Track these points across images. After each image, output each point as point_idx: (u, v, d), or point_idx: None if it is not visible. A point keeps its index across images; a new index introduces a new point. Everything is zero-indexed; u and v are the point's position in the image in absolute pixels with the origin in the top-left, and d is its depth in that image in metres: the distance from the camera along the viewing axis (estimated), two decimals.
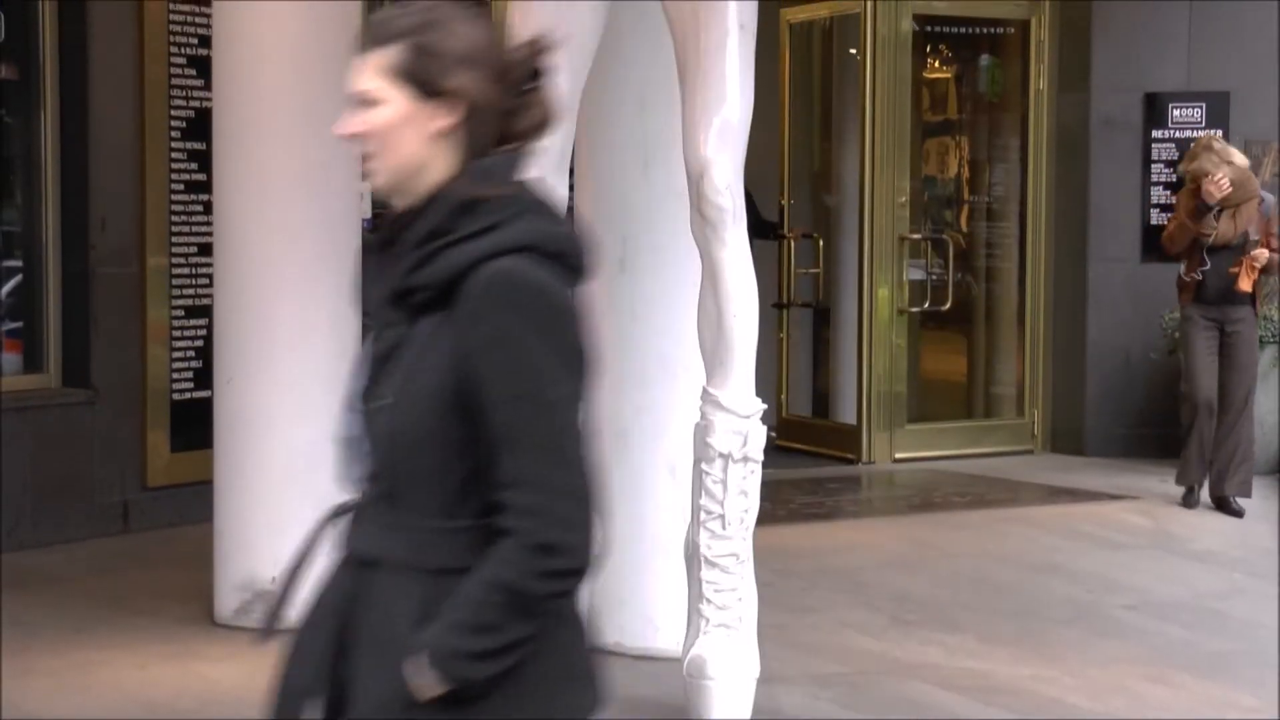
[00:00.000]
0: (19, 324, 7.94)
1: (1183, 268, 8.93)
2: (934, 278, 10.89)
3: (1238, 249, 8.74)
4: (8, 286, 7.95)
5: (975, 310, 11.58)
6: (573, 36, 4.83)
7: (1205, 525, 8.64)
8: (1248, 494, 8.83)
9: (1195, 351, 8.91)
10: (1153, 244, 10.43)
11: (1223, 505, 8.81)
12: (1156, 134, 10.60)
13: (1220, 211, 8.70)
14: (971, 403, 11.58)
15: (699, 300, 4.79)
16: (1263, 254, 8.71)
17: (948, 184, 11.99)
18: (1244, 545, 8.21)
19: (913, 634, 6.45)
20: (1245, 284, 8.73)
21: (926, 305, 10.82)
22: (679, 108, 4.81)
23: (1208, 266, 8.76)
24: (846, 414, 10.92)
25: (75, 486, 7.68)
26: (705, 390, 4.76)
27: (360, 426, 2.42)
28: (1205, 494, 8.90)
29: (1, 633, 5.90)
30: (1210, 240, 8.71)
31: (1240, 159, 8.83)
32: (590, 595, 2.08)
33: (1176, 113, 10.57)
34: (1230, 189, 8.63)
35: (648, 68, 5.58)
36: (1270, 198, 8.98)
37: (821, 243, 11.24)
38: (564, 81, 4.77)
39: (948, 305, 10.93)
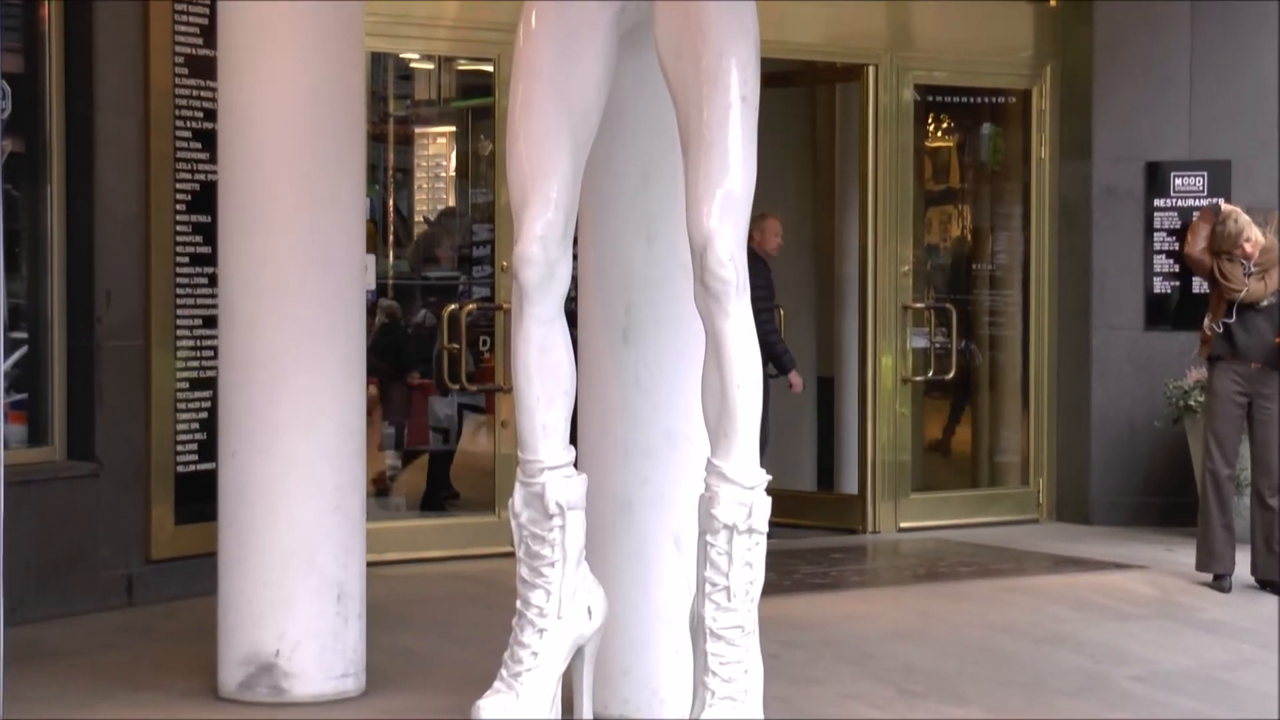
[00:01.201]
0: (24, 396, 7.95)
1: (1205, 320, 8.80)
2: (937, 346, 10.91)
3: (1266, 311, 8.64)
4: (12, 359, 7.96)
5: (979, 378, 11.59)
6: (576, 109, 4.86)
7: (1212, 596, 8.61)
8: None
9: (1223, 422, 8.70)
10: (1156, 312, 10.46)
11: (1275, 588, 8.58)
12: (1158, 203, 10.64)
13: (1249, 273, 8.67)
14: (976, 471, 11.57)
15: (703, 372, 4.80)
16: None
17: (950, 252, 12.02)
18: (1252, 616, 8.17)
19: (919, 706, 6.42)
20: None
21: (930, 374, 10.83)
22: (682, 180, 4.83)
23: (1232, 319, 8.66)
24: (849, 484, 10.90)
25: (79, 560, 7.67)
26: (709, 461, 4.76)
27: None
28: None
29: (5, 708, 5.87)
30: (1240, 296, 8.62)
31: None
32: (595, 666, 2.09)
33: (1178, 182, 10.61)
34: (1259, 250, 8.63)
35: (650, 140, 5.60)
36: None
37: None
38: (568, 154, 4.82)
39: (951, 374, 10.93)
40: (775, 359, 9.91)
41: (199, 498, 7.65)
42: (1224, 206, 9.06)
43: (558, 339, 4.83)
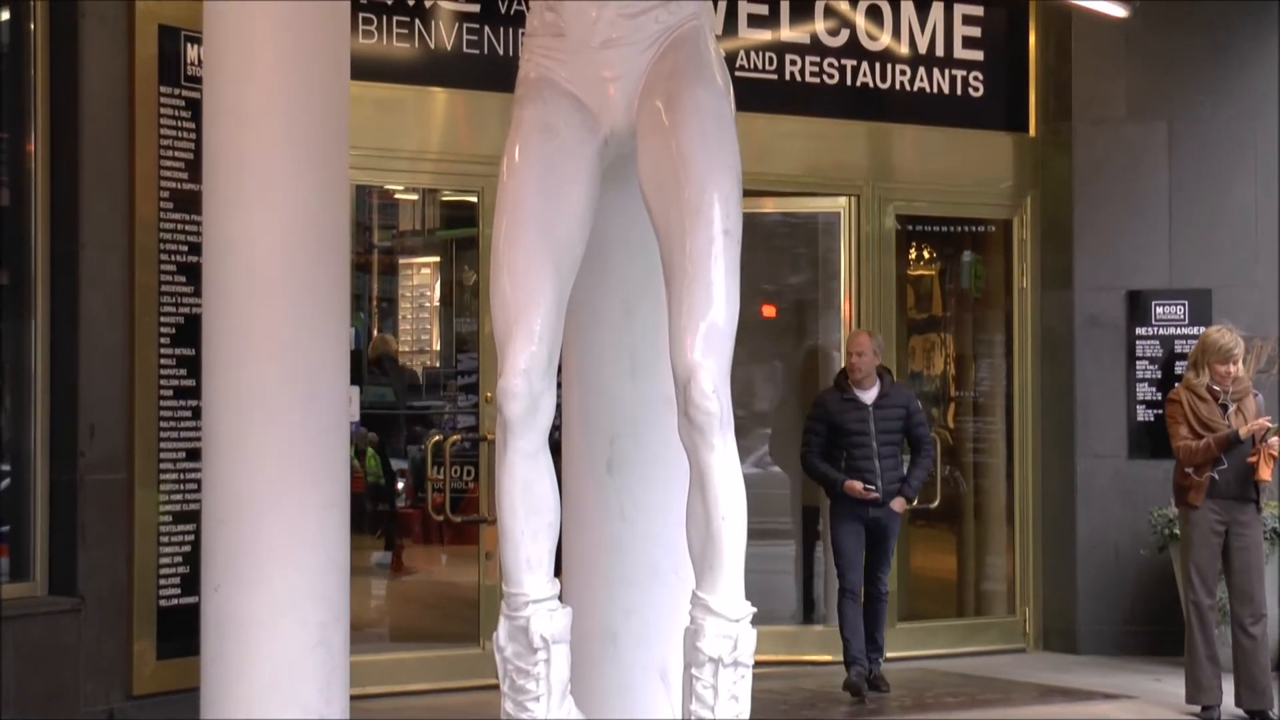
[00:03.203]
0: (5, 528, 7.92)
1: (1191, 469, 8.76)
2: None
3: (1245, 443, 8.66)
4: None
5: (964, 507, 11.58)
6: (560, 243, 4.88)
7: None
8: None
9: (1202, 551, 8.66)
10: (1140, 440, 10.48)
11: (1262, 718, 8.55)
12: (1140, 331, 10.70)
13: (1226, 408, 8.71)
14: (962, 600, 11.53)
15: (687, 504, 4.78)
16: (1277, 441, 8.63)
17: (934, 380, 12.05)
18: None
19: None
20: (1265, 473, 8.63)
21: (915, 502, 10.81)
22: (665, 312, 4.84)
23: (1225, 466, 8.68)
24: (834, 615, 10.84)
25: (60, 695, 7.60)
26: (695, 594, 4.73)
27: None
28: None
29: None
30: (1238, 432, 8.63)
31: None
32: None
33: (1160, 310, 10.67)
34: (1233, 381, 8.67)
35: (634, 272, 5.61)
36: (1259, 393, 9.00)
37: None
38: (551, 287, 4.83)
39: (936, 502, 10.92)
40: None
41: (182, 632, 7.60)
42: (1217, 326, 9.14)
43: (542, 472, 4.82)
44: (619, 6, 4.80)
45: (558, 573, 4.97)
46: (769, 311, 11.63)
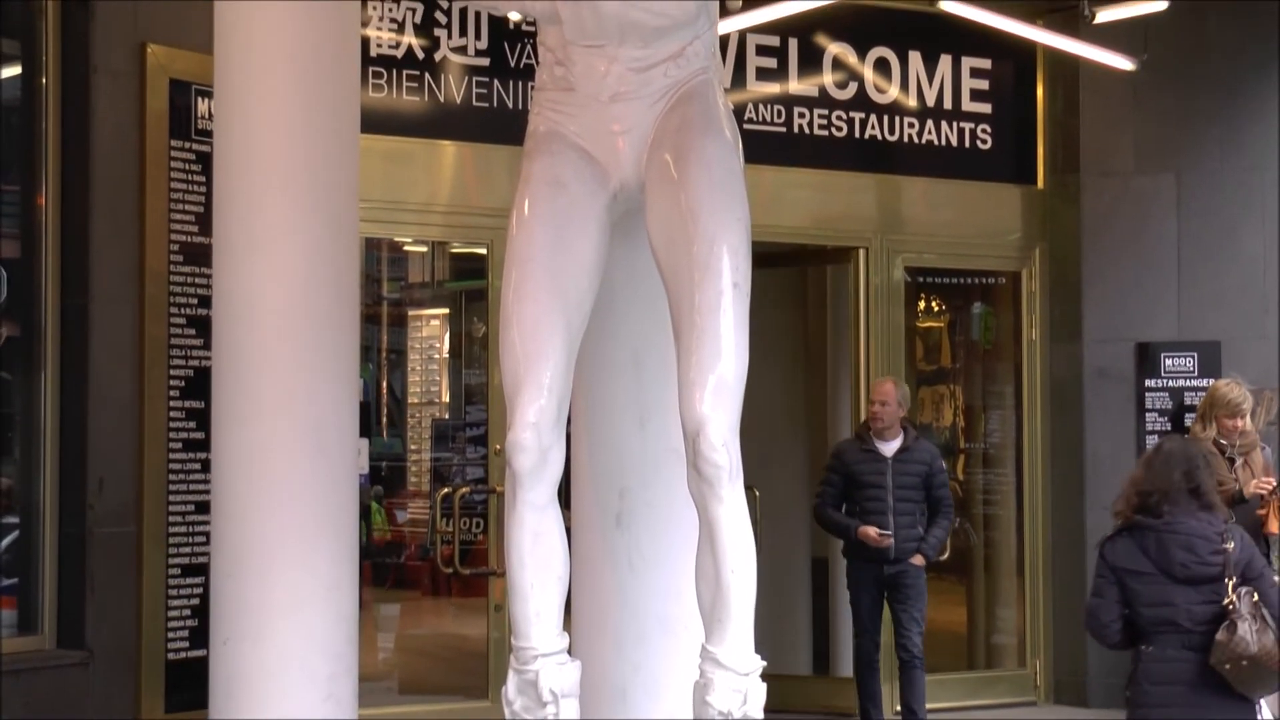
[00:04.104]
0: (14, 581, 7.91)
1: None
2: None
3: (1252, 499, 8.66)
4: (3, 544, 7.94)
5: (974, 559, 11.55)
6: (569, 296, 4.89)
7: None
8: None
9: None
10: None
11: None
12: (1149, 383, 10.69)
13: (1233, 462, 8.71)
14: (973, 653, 11.49)
15: (697, 557, 4.78)
16: None
17: (943, 432, 12.04)
18: None
19: None
20: (1275, 526, 8.62)
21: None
22: (674, 364, 4.84)
23: (1233, 520, 8.66)
24: (844, 668, 10.81)
25: None
26: (704, 648, 4.72)
27: None
28: None
29: None
30: (1246, 490, 8.64)
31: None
32: None
33: (1169, 362, 10.67)
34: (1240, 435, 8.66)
35: (643, 325, 5.62)
36: (1266, 446, 9.00)
37: None
38: (561, 340, 4.83)
39: (946, 555, 10.89)
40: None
41: (190, 685, 7.58)
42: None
43: (551, 525, 4.82)
44: (628, 61, 4.82)
45: (567, 626, 4.96)
46: (776, 363, 11.62)
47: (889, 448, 9.55)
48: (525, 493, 4.75)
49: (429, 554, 10.49)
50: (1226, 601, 6.40)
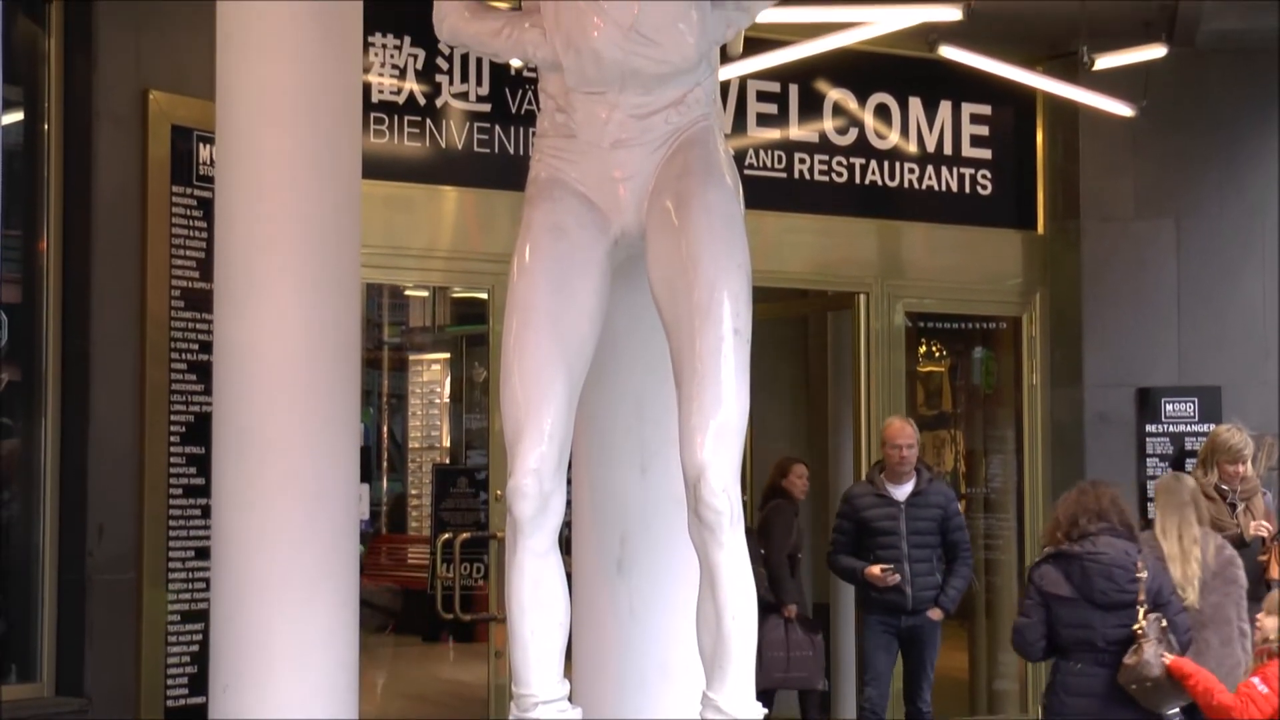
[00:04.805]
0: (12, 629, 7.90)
1: None
2: None
3: (1253, 544, 8.66)
4: None
5: (976, 604, 11.53)
6: (570, 342, 4.89)
7: None
8: None
9: None
10: None
11: None
12: (1150, 428, 10.69)
13: (1234, 507, 8.71)
14: (974, 699, 11.47)
15: (697, 603, 4.77)
16: None
17: (945, 477, 12.04)
18: None
19: None
20: (1277, 572, 8.61)
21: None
22: (675, 410, 4.84)
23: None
24: (848, 711, 10.79)
25: None
26: (704, 694, 4.71)
27: None
28: None
29: None
30: (1245, 534, 8.64)
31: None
32: None
33: (1169, 407, 10.67)
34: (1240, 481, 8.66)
35: (644, 371, 5.62)
36: (1268, 491, 8.99)
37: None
38: (562, 386, 4.83)
39: None
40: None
41: None
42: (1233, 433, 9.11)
43: (552, 571, 4.81)
44: (629, 108, 4.83)
45: (568, 672, 4.95)
46: (778, 408, 11.63)
47: (902, 491, 9.26)
48: (526, 539, 4.74)
49: (429, 599, 10.46)
50: (1137, 627, 7.00)
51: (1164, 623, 7.06)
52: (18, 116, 8.15)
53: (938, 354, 11.98)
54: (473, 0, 5.04)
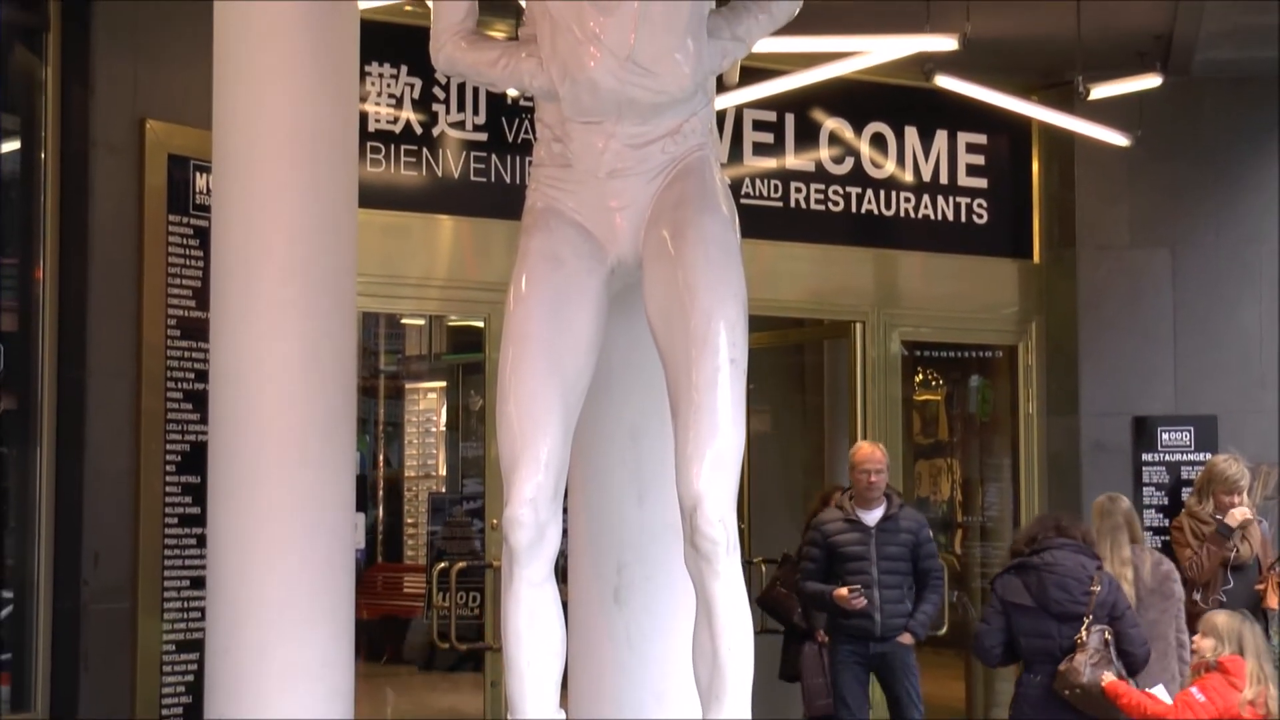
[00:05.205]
0: (7, 656, 7.88)
1: (1199, 596, 8.72)
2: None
3: (1250, 570, 8.67)
4: None
5: (972, 633, 11.50)
6: (566, 371, 4.90)
7: None
8: None
9: None
10: None
11: None
12: (1146, 457, 10.70)
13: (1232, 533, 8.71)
14: None
15: (694, 632, 4.77)
16: None
17: (941, 506, 12.03)
18: None
19: None
20: (1274, 600, 8.61)
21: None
22: (671, 440, 4.84)
23: (1230, 585, 8.69)
24: None
25: None
26: None
27: None
28: None
29: None
30: (1237, 559, 8.64)
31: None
32: None
33: (1166, 436, 10.68)
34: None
35: (640, 400, 5.62)
36: (1264, 520, 9.00)
37: None
38: (558, 415, 4.83)
39: (944, 629, 10.86)
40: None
41: None
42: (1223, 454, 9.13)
43: (548, 601, 4.81)
44: (626, 137, 4.84)
45: (564, 702, 4.94)
46: (774, 437, 11.63)
47: (872, 516, 9.05)
48: (522, 569, 4.74)
49: (425, 628, 10.43)
50: (1078, 636, 7.41)
51: (1108, 635, 7.40)
52: (15, 145, 8.16)
53: (934, 383, 11.99)
54: (469, 30, 5.04)
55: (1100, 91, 9.74)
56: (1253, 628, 7.42)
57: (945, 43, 8.55)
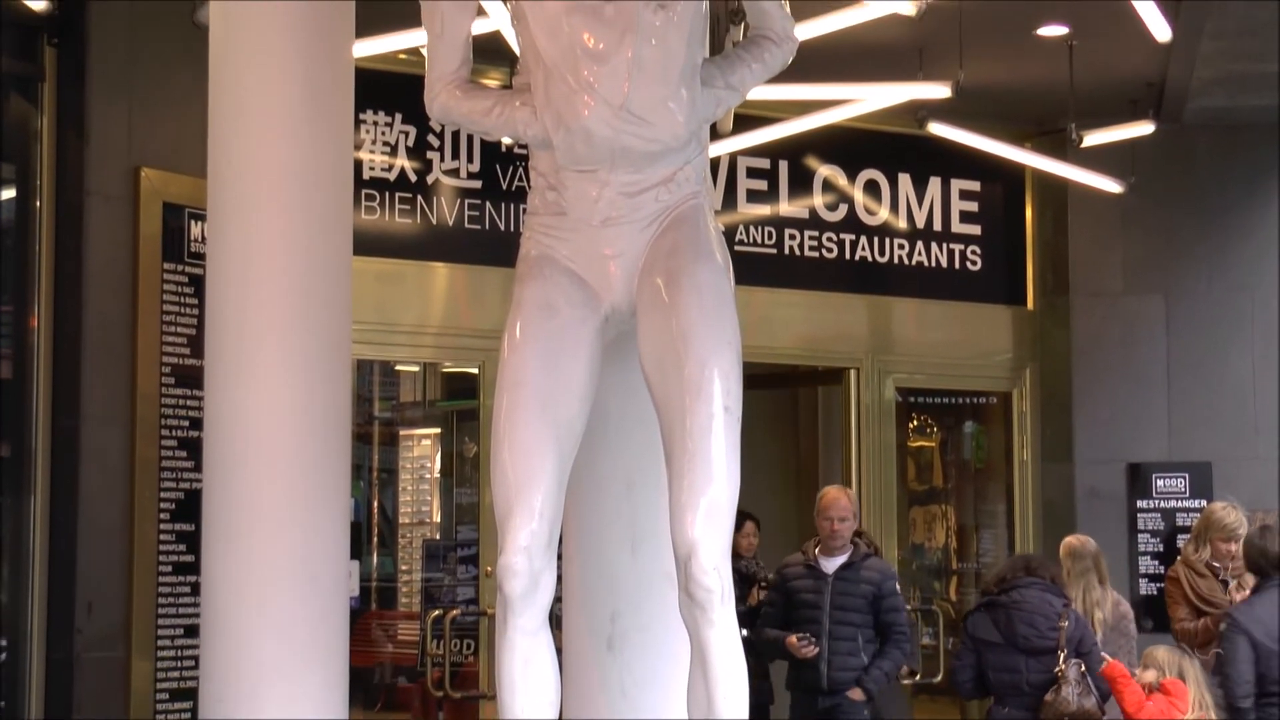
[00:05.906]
0: (1, 705, 7.85)
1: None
2: (925, 648, 10.82)
3: None
4: None
5: None
6: (560, 419, 4.89)
7: None
8: None
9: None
10: (1141, 613, 10.40)
11: None
12: (1141, 504, 10.70)
13: (1226, 584, 8.70)
14: None
15: (688, 681, 4.75)
16: None
17: (936, 553, 12.01)
18: None
19: None
20: None
21: (918, 676, 10.72)
22: (666, 488, 4.84)
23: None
24: None
25: None
26: None
27: None
28: None
29: None
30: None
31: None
32: None
33: (1160, 483, 10.68)
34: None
35: (634, 448, 5.62)
36: None
37: None
38: (552, 463, 4.83)
39: (940, 676, 10.83)
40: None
41: None
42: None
43: (542, 650, 4.79)
44: (620, 186, 4.85)
45: None
46: (769, 484, 11.61)
47: (831, 564, 8.46)
48: (516, 618, 4.73)
49: (419, 676, 10.40)
50: (1057, 669, 7.74)
51: (1083, 668, 7.78)
52: (10, 194, 8.18)
53: (928, 429, 11.98)
54: (464, 78, 5.05)
55: (1093, 139, 9.78)
56: (1193, 661, 7.78)
57: (938, 90, 8.58)
